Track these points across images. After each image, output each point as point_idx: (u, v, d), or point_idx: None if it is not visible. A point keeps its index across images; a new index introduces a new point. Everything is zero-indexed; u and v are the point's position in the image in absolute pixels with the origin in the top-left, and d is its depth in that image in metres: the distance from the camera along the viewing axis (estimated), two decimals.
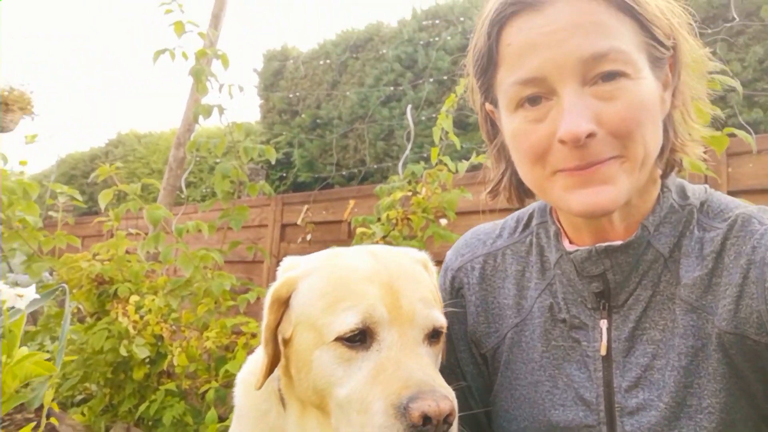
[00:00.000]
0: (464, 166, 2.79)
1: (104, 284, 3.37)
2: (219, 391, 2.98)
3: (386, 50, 5.28)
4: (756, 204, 1.04)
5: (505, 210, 1.31)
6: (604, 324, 1.03)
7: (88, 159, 8.80)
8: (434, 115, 3.51)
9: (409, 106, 3.96)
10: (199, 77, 3.49)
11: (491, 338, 1.17)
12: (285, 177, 6.26)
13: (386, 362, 0.92)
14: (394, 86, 5.14)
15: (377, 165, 5.09)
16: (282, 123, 6.31)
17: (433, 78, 4.84)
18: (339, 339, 0.94)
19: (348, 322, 0.94)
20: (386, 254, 1.08)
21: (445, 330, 1.04)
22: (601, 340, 1.02)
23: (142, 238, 3.34)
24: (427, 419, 0.85)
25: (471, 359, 1.20)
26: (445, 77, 4.76)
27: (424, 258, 1.15)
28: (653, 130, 0.96)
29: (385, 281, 0.98)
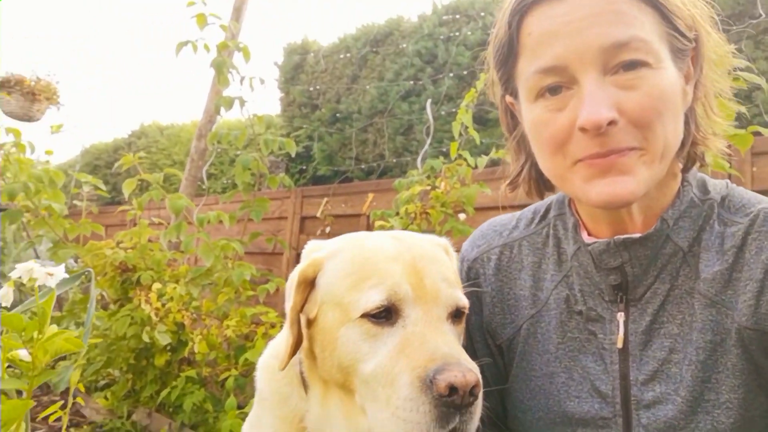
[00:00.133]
0: (483, 161, 2.79)
1: (127, 272, 3.43)
2: (238, 380, 3.03)
3: (406, 45, 5.27)
4: None
5: (524, 206, 1.30)
6: (621, 317, 1.02)
7: (112, 150, 8.91)
8: (454, 110, 3.50)
9: (429, 101, 3.96)
10: (221, 69, 3.53)
11: (507, 329, 1.17)
12: (305, 170, 6.30)
13: (411, 337, 0.93)
14: (414, 81, 5.13)
15: (396, 159, 5.10)
16: (302, 116, 6.34)
17: (453, 73, 4.82)
18: (365, 316, 0.96)
19: (374, 299, 0.95)
20: (409, 238, 1.10)
21: (467, 311, 1.05)
22: (618, 333, 1.02)
23: (165, 228, 3.40)
24: (454, 390, 0.86)
25: (486, 350, 1.20)
26: (465, 72, 4.74)
27: (445, 243, 1.17)
28: (674, 122, 0.95)
29: (409, 261, 1.00)
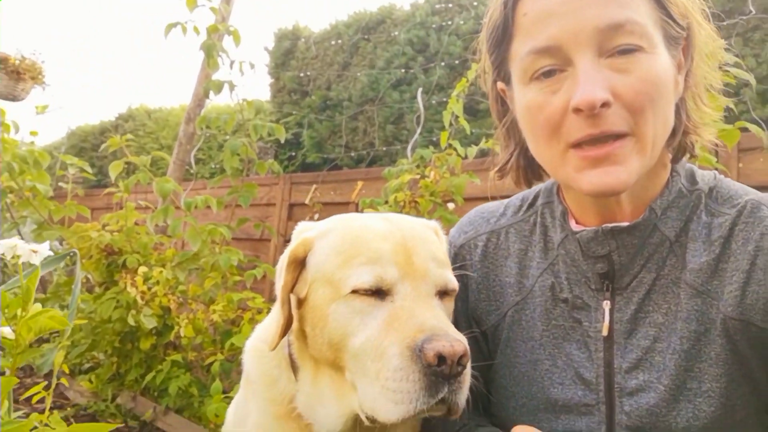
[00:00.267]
0: (473, 151, 2.79)
1: (113, 255, 3.40)
2: (224, 364, 3.03)
3: (398, 33, 5.25)
4: None
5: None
6: (607, 305, 1.03)
7: (98, 132, 8.80)
8: (445, 100, 3.50)
9: (420, 90, 3.95)
10: (211, 52, 3.48)
11: (491, 316, 1.17)
12: (294, 157, 6.27)
13: (400, 311, 0.95)
14: (405, 69, 5.11)
15: (386, 148, 5.09)
16: (292, 103, 6.31)
17: (445, 62, 4.81)
18: (355, 292, 0.98)
19: (364, 276, 0.97)
20: (399, 218, 1.11)
21: (456, 291, 1.07)
22: (604, 321, 1.02)
23: (151, 211, 3.37)
24: (442, 359, 0.87)
25: (470, 336, 1.19)
26: (457, 62, 4.73)
27: (435, 225, 1.18)
28: (665, 109, 0.95)
29: (399, 240, 1.02)
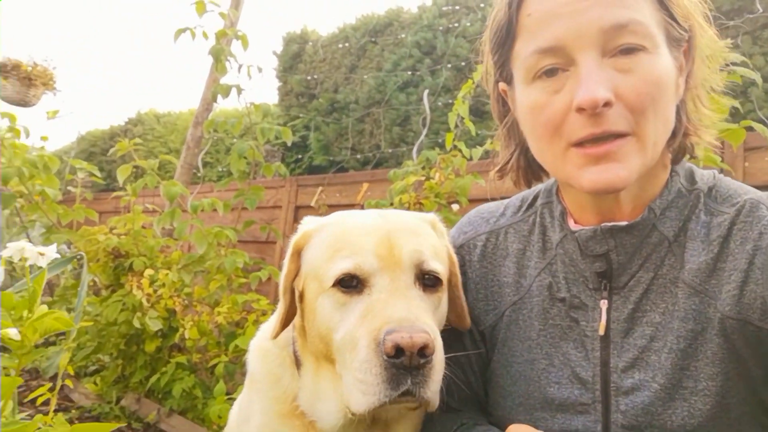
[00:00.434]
0: (478, 152, 2.79)
1: (120, 258, 3.43)
2: (228, 366, 3.04)
3: (405, 35, 5.26)
4: None
5: None
6: (604, 304, 1.03)
7: (108, 137, 8.88)
8: (451, 102, 3.50)
9: (426, 92, 3.95)
10: (219, 57, 3.51)
11: (489, 315, 1.18)
12: (301, 160, 6.29)
13: (375, 304, 0.97)
14: (412, 72, 5.12)
15: (392, 150, 5.10)
16: (299, 106, 6.33)
17: (452, 64, 4.81)
18: (336, 285, 1.01)
19: (341, 267, 1.00)
20: (393, 214, 1.13)
21: (444, 279, 1.08)
22: (601, 320, 1.02)
23: (158, 214, 3.39)
24: (400, 351, 0.88)
25: (470, 336, 1.21)
26: (463, 64, 4.73)
27: (433, 218, 1.19)
28: (666, 110, 0.96)
29: (383, 233, 1.04)
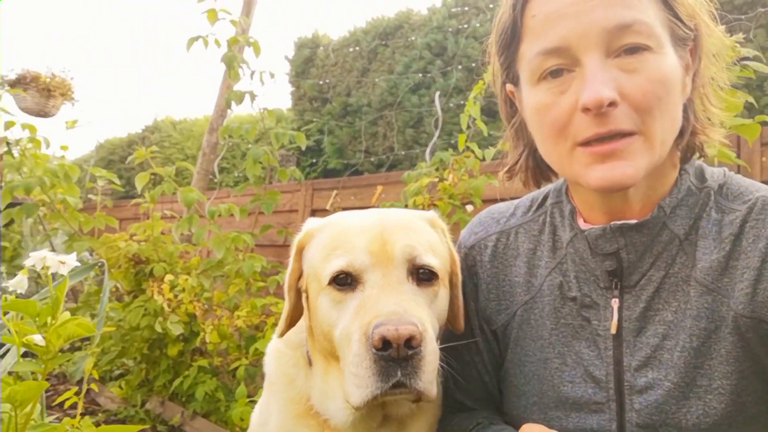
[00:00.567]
0: (491, 153, 2.79)
1: (140, 263, 3.49)
2: (249, 369, 3.07)
3: (416, 37, 5.28)
4: None
5: None
6: (616, 303, 1.03)
7: (126, 144, 9.00)
8: (463, 102, 3.50)
9: (437, 93, 3.96)
10: (231, 64, 3.55)
11: (501, 315, 1.18)
12: (315, 163, 6.34)
13: (368, 300, 0.99)
14: (424, 73, 5.13)
15: (406, 152, 5.12)
16: (313, 110, 6.38)
17: (462, 65, 4.82)
18: (331, 283, 1.04)
19: (335, 266, 1.03)
20: (390, 212, 1.15)
21: (441, 273, 1.09)
22: (612, 319, 1.03)
23: (177, 221, 3.45)
24: (387, 343, 0.89)
25: (482, 336, 1.22)
26: (474, 64, 4.73)
27: (432, 216, 1.20)
28: (673, 109, 0.96)
29: (378, 231, 1.06)
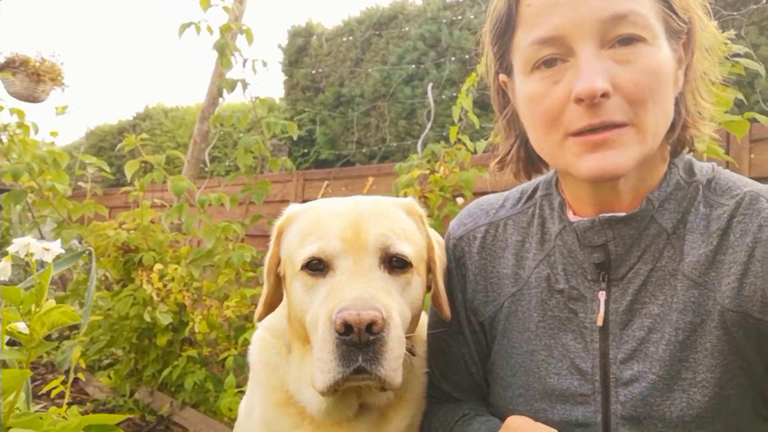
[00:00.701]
0: (483, 145, 2.79)
1: (130, 252, 3.47)
2: (238, 359, 3.07)
3: (410, 28, 5.25)
4: None
5: None
6: (603, 296, 1.03)
7: (117, 132, 8.95)
8: (456, 95, 3.50)
9: (430, 85, 3.95)
10: (224, 51, 3.51)
11: (489, 307, 1.18)
12: (307, 154, 6.32)
13: (337, 286, 1.00)
14: (417, 65, 5.12)
15: (398, 143, 5.11)
16: (305, 100, 6.35)
17: (456, 57, 4.81)
18: (304, 268, 1.05)
19: (306, 251, 1.04)
20: (366, 199, 1.15)
21: (415, 262, 1.09)
22: (599, 312, 1.03)
23: (167, 209, 3.43)
24: (349, 327, 0.91)
25: (469, 327, 1.22)
26: (468, 56, 4.72)
27: (409, 203, 1.20)
28: (665, 101, 0.96)
29: (352, 219, 1.06)
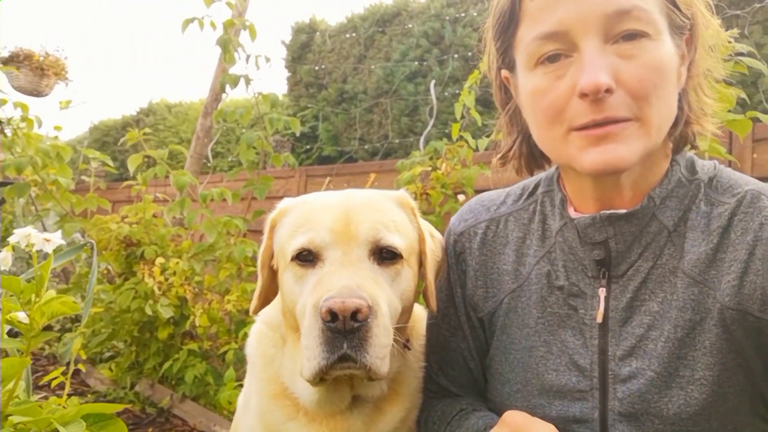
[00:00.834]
0: (485, 143, 2.79)
1: (132, 246, 3.48)
2: (238, 353, 3.08)
3: (413, 25, 5.25)
4: None
5: None
6: (603, 293, 1.03)
7: (120, 126, 8.96)
8: (458, 92, 3.50)
9: (432, 82, 3.95)
10: (227, 47, 3.52)
11: (488, 303, 1.19)
12: (310, 150, 6.33)
13: (325, 276, 1.02)
14: (420, 62, 5.12)
15: (400, 140, 5.11)
16: (308, 96, 6.35)
17: (459, 54, 4.80)
18: (294, 259, 1.07)
19: (296, 242, 1.06)
20: (358, 192, 1.17)
21: (406, 254, 1.10)
22: (599, 308, 1.03)
23: (169, 204, 3.44)
24: (334, 315, 0.93)
25: (468, 323, 1.22)
26: (471, 54, 4.72)
27: (401, 195, 1.21)
28: (669, 96, 0.96)
29: (343, 210, 1.08)
